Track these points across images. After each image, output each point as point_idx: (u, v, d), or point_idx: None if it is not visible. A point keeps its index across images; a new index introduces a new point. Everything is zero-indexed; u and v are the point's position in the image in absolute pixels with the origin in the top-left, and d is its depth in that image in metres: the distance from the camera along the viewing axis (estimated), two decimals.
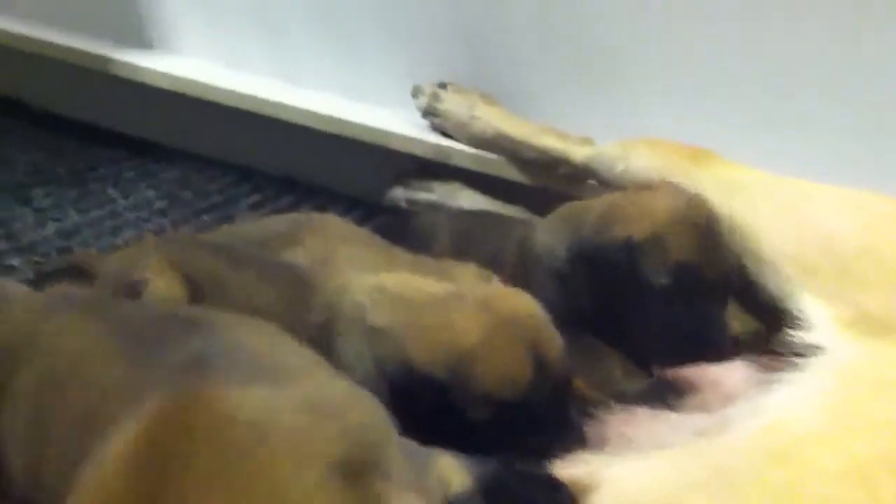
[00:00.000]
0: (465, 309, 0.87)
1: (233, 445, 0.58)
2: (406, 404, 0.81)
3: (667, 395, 0.97)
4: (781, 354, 0.92)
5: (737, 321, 1.06)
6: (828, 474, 0.68)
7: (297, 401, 0.65)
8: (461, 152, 1.51)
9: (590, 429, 0.90)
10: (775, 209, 1.02)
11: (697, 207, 1.03)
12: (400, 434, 0.83)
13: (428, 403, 0.83)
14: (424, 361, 0.85)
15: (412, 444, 0.81)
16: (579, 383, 0.96)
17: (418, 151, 1.53)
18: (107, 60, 1.62)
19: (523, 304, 0.90)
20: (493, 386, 0.84)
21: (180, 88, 1.60)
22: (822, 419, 0.77)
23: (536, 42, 1.46)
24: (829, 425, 0.75)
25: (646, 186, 1.12)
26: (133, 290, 0.97)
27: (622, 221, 1.03)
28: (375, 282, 0.94)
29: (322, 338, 0.92)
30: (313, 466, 0.59)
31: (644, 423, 0.91)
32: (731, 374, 0.97)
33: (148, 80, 1.61)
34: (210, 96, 1.59)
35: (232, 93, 1.58)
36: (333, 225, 1.27)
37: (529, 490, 0.79)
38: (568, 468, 0.83)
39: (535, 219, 1.24)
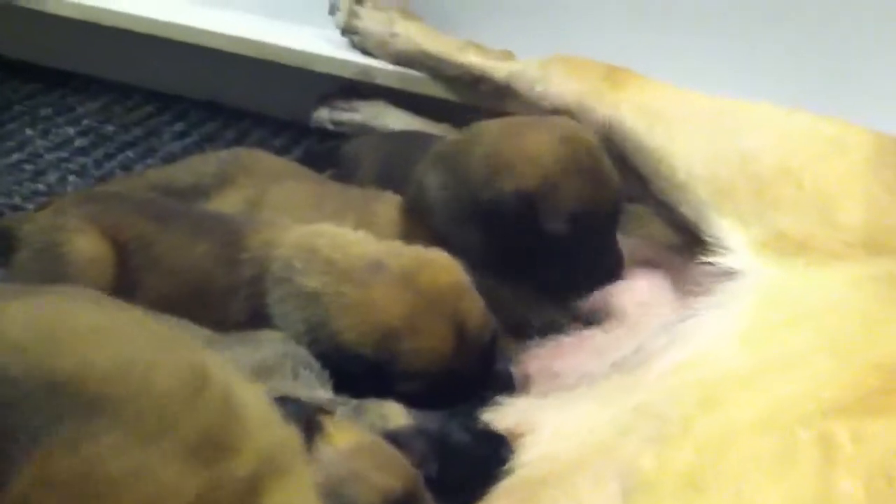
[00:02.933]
0: (387, 284, 0.89)
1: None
2: (337, 372, 0.84)
3: (587, 320, 1.01)
4: (699, 280, 0.96)
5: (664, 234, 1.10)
6: (752, 424, 0.69)
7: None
8: (385, 71, 1.49)
9: (516, 369, 0.94)
10: (691, 130, 1.03)
11: (579, 145, 1.02)
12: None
13: (357, 375, 0.85)
14: (351, 339, 0.87)
15: (350, 400, 0.84)
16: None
17: (342, 72, 1.51)
18: None
19: (444, 273, 0.91)
20: (418, 363, 0.87)
21: (90, 17, 1.55)
22: (741, 353, 0.79)
23: None
24: (750, 361, 0.77)
25: (524, 121, 1.10)
26: (56, 254, 0.97)
27: (508, 171, 1.00)
28: (305, 240, 0.94)
29: (252, 293, 0.93)
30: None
31: (568, 354, 0.95)
32: (642, 284, 1.01)
33: (55, 10, 1.56)
34: (122, 24, 1.54)
35: (145, 19, 1.53)
36: (263, 161, 1.26)
37: (471, 440, 0.82)
38: (500, 418, 0.86)
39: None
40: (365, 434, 0.77)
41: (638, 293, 1.02)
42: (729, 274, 0.92)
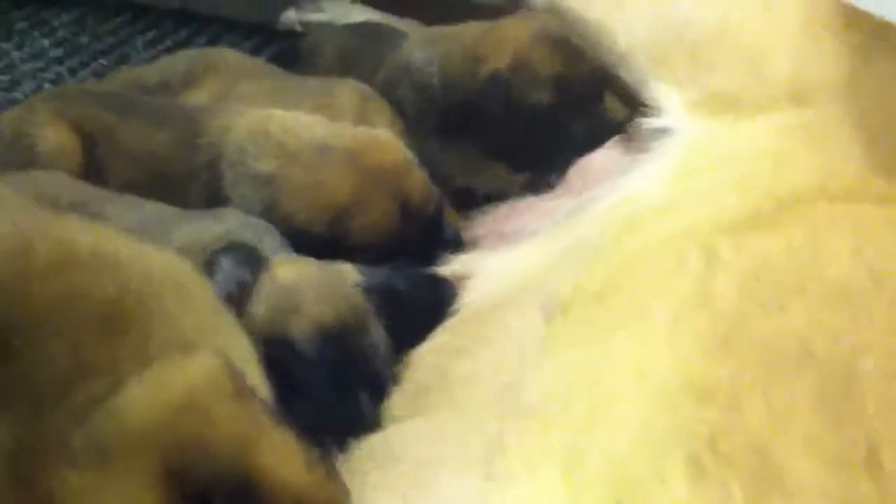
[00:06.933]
0: (334, 165, 0.94)
1: None
2: (296, 245, 0.90)
3: (542, 187, 1.07)
4: (640, 141, 1.00)
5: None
6: (667, 239, 0.76)
7: None
8: None
9: (466, 233, 0.99)
10: (629, 2, 1.07)
11: (551, 24, 1.09)
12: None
13: (316, 248, 0.90)
14: (303, 219, 0.93)
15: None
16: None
17: None
18: None
19: (387, 151, 0.97)
20: (368, 237, 0.93)
21: None
22: (664, 192, 0.85)
23: None
24: (670, 196, 0.84)
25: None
26: (26, 145, 1.02)
27: (484, 57, 1.08)
28: (257, 124, 0.99)
29: (210, 178, 0.98)
30: None
31: (515, 216, 1.00)
32: (598, 159, 1.05)
33: None
34: None
35: None
36: (229, 58, 1.30)
37: (416, 287, 0.88)
38: (445, 268, 0.92)
39: (408, 31, 1.28)
40: (312, 268, 0.82)
41: (587, 169, 1.07)
42: (665, 132, 0.96)
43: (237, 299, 0.76)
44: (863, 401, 0.57)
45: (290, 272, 0.79)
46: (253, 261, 0.77)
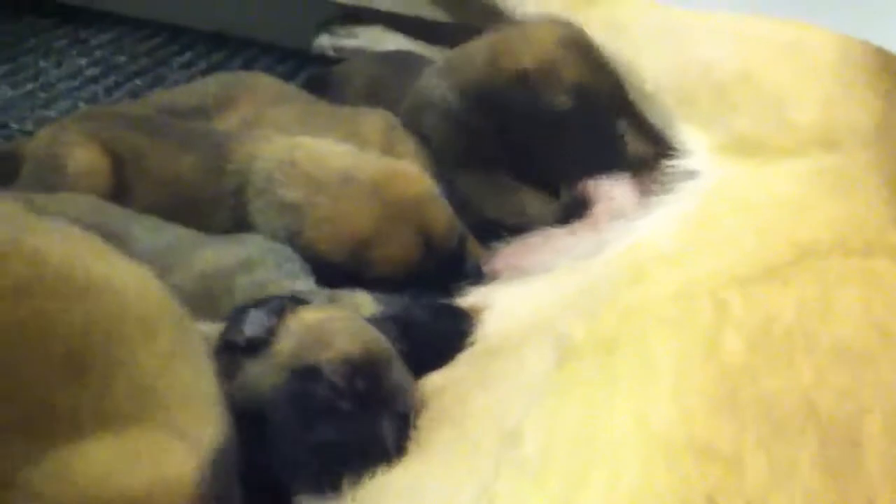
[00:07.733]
0: (358, 196, 0.95)
1: None
2: (317, 273, 0.92)
3: (567, 216, 1.07)
4: (664, 183, 1.00)
5: (636, 145, 1.14)
6: (679, 288, 0.75)
7: None
8: None
9: (486, 267, 0.99)
10: (657, 43, 1.07)
11: (578, 33, 1.10)
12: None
13: (335, 276, 0.92)
14: (325, 249, 0.94)
15: (325, 290, 0.91)
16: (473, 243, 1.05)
17: None
18: None
19: (411, 184, 0.98)
20: (387, 269, 0.94)
21: None
22: (677, 239, 0.85)
23: None
24: (682, 245, 0.83)
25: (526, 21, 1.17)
26: (56, 165, 1.04)
27: (510, 54, 1.09)
28: (285, 153, 1.00)
29: (236, 204, 0.99)
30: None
31: (534, 251, 1.00)
32: (622, 191, 1.05)
33: None
34: None
35: None
36: (262, 83, 1.32)
37: (435, 318, 0.89)
38: (462, 300, 0.92)
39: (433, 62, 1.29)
40: (338, 311, 0.83)
41: (612, 202, 1.07)
42: (689, 175, 0.96)
43: (263, 341, 0.76)
44: (866, 462, 0.56)
45: (318, 314, 0.79)
46: (283, 308, 0.78)
